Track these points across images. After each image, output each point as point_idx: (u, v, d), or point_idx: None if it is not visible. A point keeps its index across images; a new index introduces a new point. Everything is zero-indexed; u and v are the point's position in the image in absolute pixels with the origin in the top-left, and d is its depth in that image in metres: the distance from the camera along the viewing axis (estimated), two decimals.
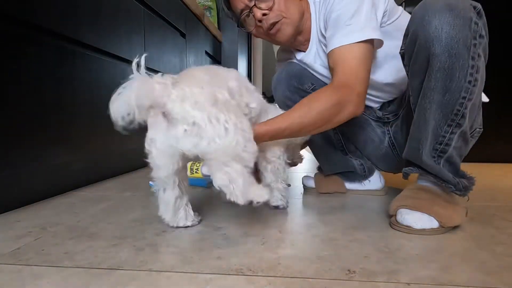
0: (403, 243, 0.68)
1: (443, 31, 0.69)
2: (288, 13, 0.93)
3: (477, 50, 0.70)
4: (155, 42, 1.62)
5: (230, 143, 0.61)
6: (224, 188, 0.62)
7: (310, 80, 1.05)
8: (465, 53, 0.69)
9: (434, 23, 0.70)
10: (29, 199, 0.93)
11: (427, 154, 0.76)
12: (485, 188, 1.26)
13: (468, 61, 0.70)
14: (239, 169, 0.62)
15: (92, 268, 0.55)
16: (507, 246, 0.67)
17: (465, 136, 0.75)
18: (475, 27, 0.69)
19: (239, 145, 0.62)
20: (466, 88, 0.70)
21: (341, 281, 0.52)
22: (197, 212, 0.79)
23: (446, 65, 0.71)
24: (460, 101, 0.71)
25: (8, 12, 0.83)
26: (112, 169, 1.36)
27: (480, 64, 0.71)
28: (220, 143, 0.61)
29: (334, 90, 0.81)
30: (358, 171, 1.11)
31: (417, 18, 0.74)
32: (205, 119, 0.61)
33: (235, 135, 0.62)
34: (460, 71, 0.70)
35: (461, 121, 0.72)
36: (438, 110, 0.73)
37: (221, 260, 0.58)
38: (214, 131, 0.61)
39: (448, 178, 0.75)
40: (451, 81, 0.71)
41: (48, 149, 0.98)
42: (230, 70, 0.78)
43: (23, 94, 0.88)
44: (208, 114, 0.62)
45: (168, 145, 0.65)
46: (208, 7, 2.88)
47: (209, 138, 0.61)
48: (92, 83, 1.17)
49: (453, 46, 0.69)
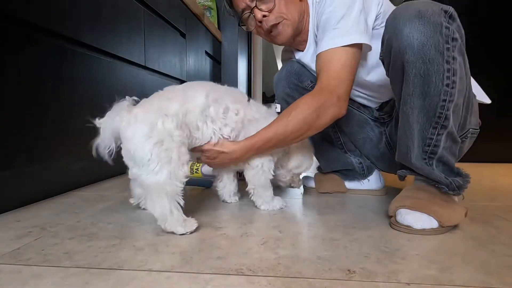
0: (403, 243, 0.68)
1: (414, 38, 0.70)
2: (289, 15, 0.93)
3: (451, 53, 0.70)
4: (155, 42, 1.62)
5: (157, 181, 0.69)
6: (158, 221, 0.70)
7: (309, 78, 1.06)
8: (439, 58, 0.70)
9: (406, 31, 0.71)
10: (29, 199, 0.93)
11: (416, 157, 0.77)
12: (485, 188, 1.26)
13: (443, 65, 0.70)
14: (167, 204, 0.69)
15: (92, 268, 0.55)
16: (507, 246, 0.67)
17: (452, 136, 0.75)
18: (446, 31, 0.69)
19: (166, 183, 0.69)
20: (445, 91, 0.71)
21: (341, 281, 0.52)
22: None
23: (422, 71, 0.71)
24: (441, 104, 0.72)
25: (8, 12, 0.83)
26: (112, 169, 1.36)
27: (456, 67, 0.71)
28: (149, 180, 0.69)
29: (313, 96, 0.85)
30: (356, 169, 1.11)
31: (390, 27, 0.75)
32: (140, 153, 0.69)
33: (160, 176, 0.69)
34: (436, 76, 0.71)
35: (445, 123, 0.73)
36: (420, 114, 0.74)
37: (221, 260, 0.58)
38: (145, 168, 0.69)
39: (440, 179, 0.75)
40: (429, 86, 0.72)
41: (48, 149, 0.98)
42: (202, 85, 0.85)
43: (23, 94, 0.88)
44: (143, 147, 0.69)
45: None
46: (208, 7, 2.88)
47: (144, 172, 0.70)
48: (92, 83, 1.16)
49: (426, 52, 0.70)
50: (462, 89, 0.74)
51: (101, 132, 0.73)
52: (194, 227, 0.71)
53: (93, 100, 1.16)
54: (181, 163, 0.71)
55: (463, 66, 0.74)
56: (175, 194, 0.70)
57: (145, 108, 0.73)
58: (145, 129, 0.69)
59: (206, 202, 0.98)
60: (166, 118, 0.71)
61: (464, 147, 0.89)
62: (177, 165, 0.71)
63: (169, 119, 0.72)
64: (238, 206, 0.95)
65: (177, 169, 0.70)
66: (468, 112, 0.83)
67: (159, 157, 0.69)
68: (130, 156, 0.70)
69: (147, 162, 0.68)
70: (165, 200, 0.69)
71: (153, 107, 0.73)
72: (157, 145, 0.69)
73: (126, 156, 0.72)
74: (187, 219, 0.72)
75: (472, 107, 0.84)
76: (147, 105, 0.75)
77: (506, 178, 1.53)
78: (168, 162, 0.69)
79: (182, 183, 0.72)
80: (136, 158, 0.69)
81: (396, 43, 0.74)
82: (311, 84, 1.05)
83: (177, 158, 0.71)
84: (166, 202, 0.69)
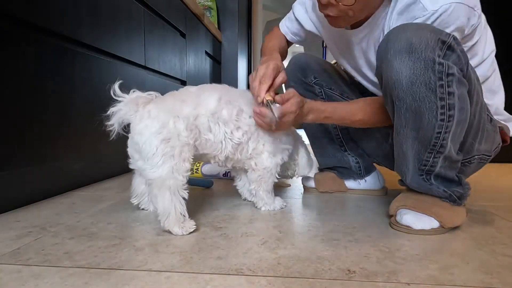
0: (403, 243, 0.68)
1: (403, 75, 0.66)
2: (357, 12, 0.77)
3: (445, 89, 0.66)
4: (155, 42, 1.62)
5: (160, 175, 0.72)
6: (159, 216, 0.72)
7: (313, 74, 1.06)
8: (430, 96, 0.66)
9: (395, 65, 0.67)
10: (29, 199, 0.93)
11: (412, 177, 0.75)
12: (485, 188, 1.26)
13: (436, 103, 0.66)
14: (169, 198, 0.71)
15: (92, 268, 0.55)
16: (507, 246, 0.67)
17: (451, 158, 0.72)
18: (440, 67, 0.65)
19: (169, 177, 0.72)
20: (440, 125, 0.68)
21: (341, 281, 0.52)
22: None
23: (413, 108, 0.68)
24: (436, 136, 0.69)
25: (8, 12, 0.83)
26: (112, 169, 1.36)
27: (453, 101, 0.67)
28: (153, 174, 0.72)
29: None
30: (353, 169, 1.11)
31: (382, 52, 0.71)
32: (147, 147, 0.72)
33: (162, 170, 0.72)
34: (428, 112, 0.67)
35: (441, 150, 0.70)
36: (414, 142, 0.72)
37: (221, 260, 0.58)
38: (150, 162, 0.72)
39: (439, 194, 0.74)
40: (422, 121, 0.69)
41: (48, 149, 0.98)
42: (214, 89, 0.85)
43: (23, 94, 0.88)
44: (151, 142, 0.72)
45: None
46: (208, 7, 2.87)
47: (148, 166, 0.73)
48: (92, 83, 1.16)
49: (415, 90, 0.67)
50: (463, 119, 0.70)
51: (111, 118, 0.76)
52: (192, 230, 0.72)
53: (93, 100, 1.16)
54: (182, 159, 0.74)
55: (464, 97, 0.69)
56: (178, 188, 0.72)
57: (159, 106, 0.76)
58: (157, 126, 0.73)
59: (206, 202, 0.98)
60: (177, 119, 0.75)
61: (470, 170, 0.86)
62: (179, 160, 0.74)
63: (180, 120, 0.75)
64: (238, 206, 0.95)
65: (179, 164, 0.73)
66: (475, 139, 0.79)
67: (164, 152, 0.72)
68: (138, 148, 0.74)
69: (152, 156, 0.72)
70: (168, 194, 0.71)
71: (167, 107, 0.76)
72: (163, 142, 0.72)
73: (133, 148, 0.76)
74: (187, 220, 0.72)
75: (483, 134, 0.80)
76: (161, 103, 0.77)
77: (506, 178, 1.53)
78: (171, 158, 0.73)
79: (184, 177, 0.74)
80: (143, 151, 0.73)
81: (385, 74, 0.70)
82: (314, 80, 1.06)
83: (179, 154, 0.74)
84: (168, 196, 0.71)
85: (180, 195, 0.72)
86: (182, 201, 0.73)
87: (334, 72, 1.11)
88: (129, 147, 0.77)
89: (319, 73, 1.07)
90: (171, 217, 0.70)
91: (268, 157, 0.87)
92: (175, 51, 1.89)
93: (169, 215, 0.70)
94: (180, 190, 0.73)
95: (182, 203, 0.72)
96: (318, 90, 1.08)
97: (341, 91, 1.08)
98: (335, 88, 1.08)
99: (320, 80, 1.07)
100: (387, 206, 0.83)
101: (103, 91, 1.22)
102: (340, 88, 1.08)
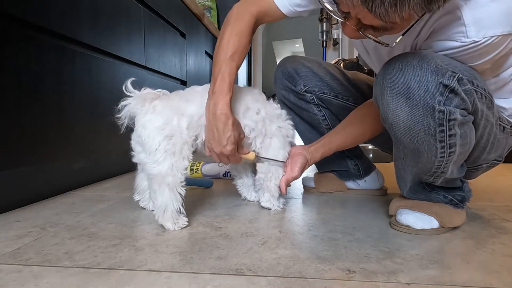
0: (403, 243, 0.68)
1: (400, 119, 0.62)
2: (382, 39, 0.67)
3: (446, 133, 0.61)
4: (155, 42, 1.62)
5: (160, 171, 0.74)
6: (155, 210, 0.74)
7: (303, 81, 1.02)
8: (429, 139, 0.63)
9: (392, 106, 0.63)
10: (29, 199, 0.93)
11: (410, 190, 0.76)
12: (485, 188, 1.26)
13: (435, 145, 0.63)
14: (168, 194, 0.73)
15: (92, 268, 0.55)
16: (507, 246, 0.67)
17: (452, 176, 0.72)
18: (440, 115, 0.59)
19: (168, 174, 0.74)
20: (440, 161, 0.66)
21: (341, 281, 0.52)
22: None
23: (411, 147, 0.66)
24: (436, 166, 0.67)
25: (8, 11, 0.83)
26: (112, 169, 1.36)
27: (455, 140, 0.63)
28: (153, 170, 0.74)
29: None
30: (352, 171, 1.11)
31: (378, 89, 0.66)
32: (149, 142, 0.74)
33: (163, 166, 0.74)
34: (428, 152, 0.65)
35: (442, 174, 0.69)
36: (413, 170, 0.71)
37: (221, 260, 0.58)
38: (152, 157, 0.74)
39: (439, 200, 0.75)
40: (420, 158, 0.67)
41: (48, 149, 0.98)
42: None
43: (23, 94, 0.88)
44: (154, 136, 0.74)
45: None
46: (208, 7, 2.87)
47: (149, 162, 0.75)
48: (92, 83, 1.16)
49: (413, 135, 0.63)
50: (466, 150, 0.67)
51: (121, 112, 0.79)
52: (184, 226, 0.74)
53: (93, 100, 1.16)
54: (182, 157, 0.76)
55: (467, 133, 0.65)
56: (176, 185, 0.74)
57: (165, 103, 0.78)
58: (160, 121, 0.75)
59: (206, 202, 0.98)
60: (182, 117, 0.77)
61: (477, 174, 0.84)
62: (179, 158, 0.76)
63: (184, 119, 0.78)
64: (238, 206, 0.95)
65: (179, 161, 0.75)
66: (483, 152, 0.76)
67: (166, 149, 0.74)
68: (141, 141, 0.76)
69: (154, 151, 0.74)
70: (166, 190, 0.73)
71: (173, 104, 0.79)
72: (166, 138, 0.75)
73: (136, 140, 0.78)
74: (180, 217, 0.75)
75: (492, 146, 0.76)
76: (167, 101, 0.79)
77: (506, 178, 1.53)
78: (172, 155, 0.75)
79: (182, 174, 0.76)
80: (145, 144, 0.75)
81: (382, 111, 0.67)
82: (304, 88, 1.02)
83: (179, 151, 0.76)
84: (167, 193, 0.73)
85: (177, 192, 0.74)
86: (179, 198, 0.75)
87: (326, 74, 1.05)
88: (132, 140, 0.79)
89: (309, 78, 1.03)
90: (166, 213, 0.73)
91: (279, 149, 0.89)
92: (175, 51, 1.89)
93: (166, 210, 0.73)
94: (178, 187, 0.75)
95: (178, 199, 0.74)
96: (310, 98, 1.04)
97: (335, 93, 1.04)
98: (328, 91, 1.04)
99: (310, 87, 1.03)
100: (387, 206, 0.83)
101: (103, 91, 1.23)
102: (333, 91, 1.04)
